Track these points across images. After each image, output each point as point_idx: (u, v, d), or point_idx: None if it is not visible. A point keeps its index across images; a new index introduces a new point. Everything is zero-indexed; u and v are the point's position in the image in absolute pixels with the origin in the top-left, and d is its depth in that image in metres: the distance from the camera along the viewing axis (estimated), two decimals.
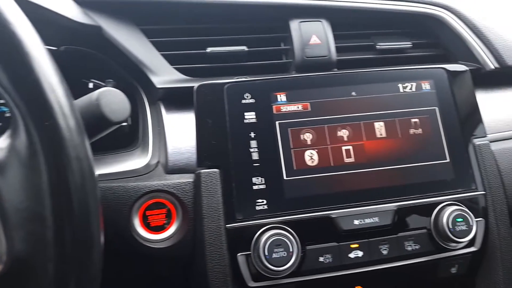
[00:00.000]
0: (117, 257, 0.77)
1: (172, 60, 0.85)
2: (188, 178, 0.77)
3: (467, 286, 0.88)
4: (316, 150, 0.78)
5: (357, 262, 0.76)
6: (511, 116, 0.93)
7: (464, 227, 0.76)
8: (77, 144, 0.44)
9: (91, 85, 0.89)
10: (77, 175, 0.44)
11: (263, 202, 0.74)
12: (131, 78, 0.89)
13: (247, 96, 0.79)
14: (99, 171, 0.78)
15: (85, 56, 0.87)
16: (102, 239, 0.48)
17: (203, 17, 0.92)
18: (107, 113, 0.59)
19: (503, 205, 0.83)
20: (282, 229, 0.73)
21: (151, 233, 0.75)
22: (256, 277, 0.73)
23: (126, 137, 0.88)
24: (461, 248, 0.80)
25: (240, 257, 0.73)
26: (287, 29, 0.92)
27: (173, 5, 0.89)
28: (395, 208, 0.78)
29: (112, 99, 0.60)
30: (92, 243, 0.46)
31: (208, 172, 0.75)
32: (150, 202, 0.75)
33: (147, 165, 0.81)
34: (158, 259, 0.78)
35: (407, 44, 0.96)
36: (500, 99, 0.96)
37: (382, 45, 0.95)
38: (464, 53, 0.96)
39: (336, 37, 0.93)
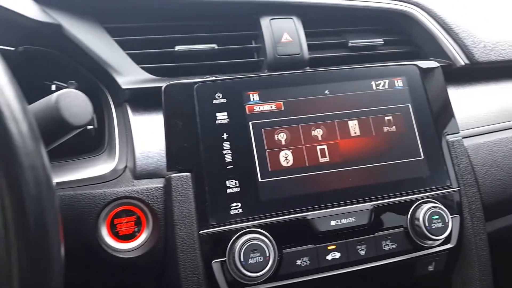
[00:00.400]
0: (84, 268, 0.74)
1: (138, 60, 0.82)
2: (158, 183, 0.73)
3: (444, 283, 0.88)
4: (291, 151, 0.76)
5: (335, 264, 0.75)
6: (481, 112, 0.95)
7: (440, 225, 0.76)
8: (30, 152, 0.40)
9: (53, 87, 0.85)
10: (32, 186, 0.40)
11: (237, 205, 0.72)
12: (95, 79, 0.84)
13: (219, 96, 0.76)
14: (62, 178, 0.74)
15: (46, 57, 0.83)
16: (62, 253, 0.44)
17: (171, 14, 0.88)
18: (67, 116, 0.55)
19: (477, 200, 0.84)
20: (258, 233, 0.70)
21: (120, 242, 0.72)
22: (232, 284, 0.71)
23: (91, 141, 0.84)
24: (438, 245, 0.80)
25: (215, 264, 0.70)
26: (258, 27, 0.90)
27: (138, 2, 0.85)
28: (371, 207, 0.77)
29: (72, 102, 0.56)
30: (50, 258, 0.42)
31: (179, 176, 0.72)
32: (118, 209, 0.72)
33: (114, 171, 0.77)
34: (128, 269, 0.74)
35: (378, 41, 0.96)
36: (471, 95, 0.97)
37: (354, 42, 0.94)
38: (435, 49, 0.97)
39: (308, 35, 0.91)
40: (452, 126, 0.86)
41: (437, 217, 0.76)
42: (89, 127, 0.84)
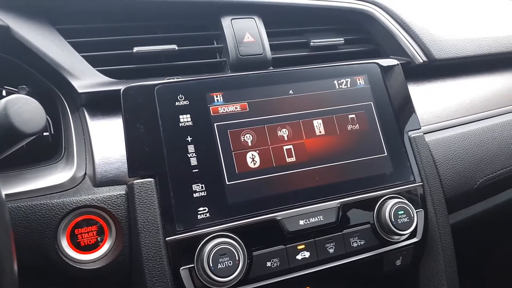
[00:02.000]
0: (45, 283, 0.71)
1: (94, 62, 0.79)
2: (119, 190, 0.71)
3: (411, 276, 0.89)
4: (258, 151, 0.75)
5: (305, 263, 0.75)
6: (440, 108, 0.97)
7: (405, 219, 0.77)
8: None
9: (4, 93, 0.80)
10: None
11: (205, 210, 0.70)
12: (49, 83, 0.81)
13: (181, 98, 0.74)
14: (17, 188, 0.71)
15: None
16: (15, 270, 0.41)
17: (128, 14, 0.86)
18: (18, 124, 0.51)
19: (440, 194, 0.86)
20: (226, 237, 0.69)
21: (82, 253, 0.69)
22: None
23: (48, 149, 0.81)
24: (404, 240, 0.81)
25: (183, 271, 0.68)
26: (219, 27, 0.89)
27: (93, 1, 0.82)
28: (338, 205, 0.77)
29: (23, 108, 0.52)
30: (2, 277, 0.39)
31: (142, 182, 0.70)
32: (79, 219, 0.69)
33: (73, 179, 0.74)
34: (92, 280, 0.71)
35: (339, 40, 0.97)
36: (430, 91, 1.00)
37: (315, 41, 0.95)
38: (394, 48, 0.99)
39: (270, 35, 0.91)
40: (414, 122, 0.88)
41: (402, 212, 0.77)
42: (44, 133, 0.81)
